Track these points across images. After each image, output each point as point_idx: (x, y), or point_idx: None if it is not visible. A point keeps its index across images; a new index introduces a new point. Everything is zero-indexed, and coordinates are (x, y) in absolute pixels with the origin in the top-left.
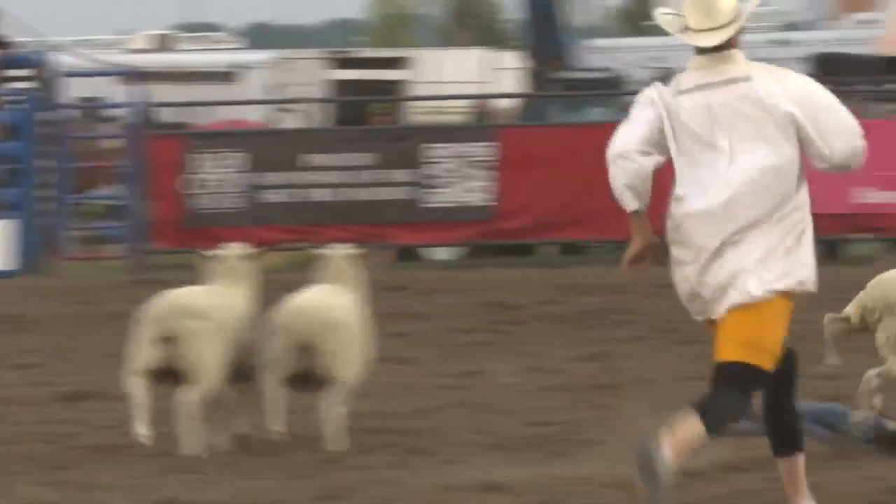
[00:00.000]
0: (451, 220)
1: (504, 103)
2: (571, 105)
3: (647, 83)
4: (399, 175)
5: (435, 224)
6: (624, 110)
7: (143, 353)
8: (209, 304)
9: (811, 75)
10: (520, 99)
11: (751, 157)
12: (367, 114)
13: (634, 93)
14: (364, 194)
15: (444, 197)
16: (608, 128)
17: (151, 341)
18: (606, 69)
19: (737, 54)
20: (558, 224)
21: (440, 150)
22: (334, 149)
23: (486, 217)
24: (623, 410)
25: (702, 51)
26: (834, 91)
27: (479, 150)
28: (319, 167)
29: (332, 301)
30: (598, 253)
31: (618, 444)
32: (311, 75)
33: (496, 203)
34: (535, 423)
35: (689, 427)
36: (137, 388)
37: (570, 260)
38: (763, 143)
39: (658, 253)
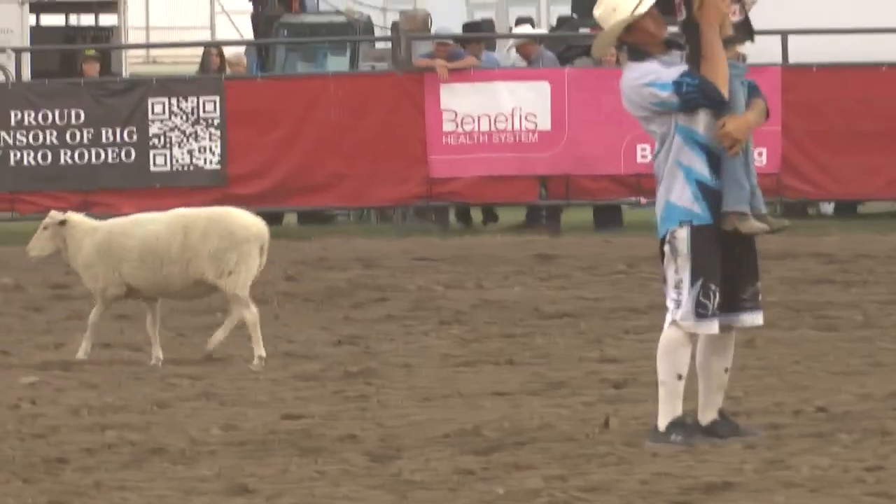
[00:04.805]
0: (179, 185)
1: (231, 51)
2: (307, 53)
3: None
4: (117, 134)
5: (161, 190)
6: (365, 59)
7: None
8: None
9: None
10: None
11: None
12: (76, 65)
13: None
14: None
15: (170, 159)
16: (348, 79)
17: None
18: (339, 12)
19: None
20: (297, 189)
21: (163, 105)
22: (39, 105)
23: (218, 182)
24: (382, 400)
25: None
26: None
27: (209, 105)
28: (24, 126)
29: None
30: (344, 222)
31: (376, 439)
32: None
33: (226, 166)
34: (287, 417)
35: None
36: None
37: (313, 230)
38: None
39: None
